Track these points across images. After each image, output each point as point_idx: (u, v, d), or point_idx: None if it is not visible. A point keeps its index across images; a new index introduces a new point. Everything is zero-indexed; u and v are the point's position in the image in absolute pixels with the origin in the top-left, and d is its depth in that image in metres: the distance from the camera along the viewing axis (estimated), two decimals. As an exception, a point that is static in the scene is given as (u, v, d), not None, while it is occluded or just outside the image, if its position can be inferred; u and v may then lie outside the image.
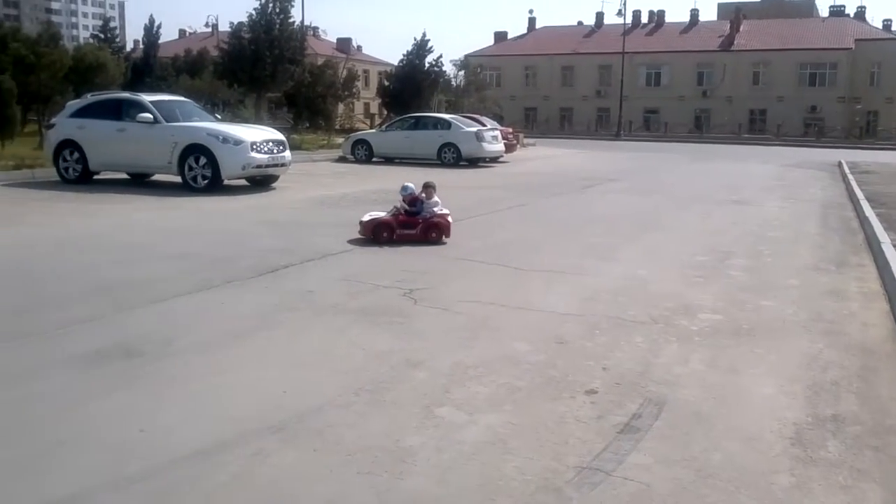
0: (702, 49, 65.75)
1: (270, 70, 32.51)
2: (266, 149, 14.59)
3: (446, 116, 26.31)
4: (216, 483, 3.23)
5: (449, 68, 50.44)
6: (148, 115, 14.41)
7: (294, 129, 30.87)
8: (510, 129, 31.65)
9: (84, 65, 32.12)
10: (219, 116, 18.03)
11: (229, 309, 6.08)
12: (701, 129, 60.21)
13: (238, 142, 14.05)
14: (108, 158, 15.00)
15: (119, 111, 15.01)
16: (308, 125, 34.51)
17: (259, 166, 14.55)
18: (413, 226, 9.09)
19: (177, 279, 6.95)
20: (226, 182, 14.29)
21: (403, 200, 9.28)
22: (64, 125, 15.41)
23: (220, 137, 14.01)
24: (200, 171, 14.03)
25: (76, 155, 15.00)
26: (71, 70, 30.57)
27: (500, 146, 25.05)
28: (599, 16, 73.95)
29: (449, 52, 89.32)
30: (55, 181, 15.09)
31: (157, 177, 15.71)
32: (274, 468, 3.38)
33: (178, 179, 14.41)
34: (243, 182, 15.08)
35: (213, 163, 13.91)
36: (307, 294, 6.55)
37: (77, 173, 15.05)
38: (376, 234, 8.94)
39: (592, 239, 9.93)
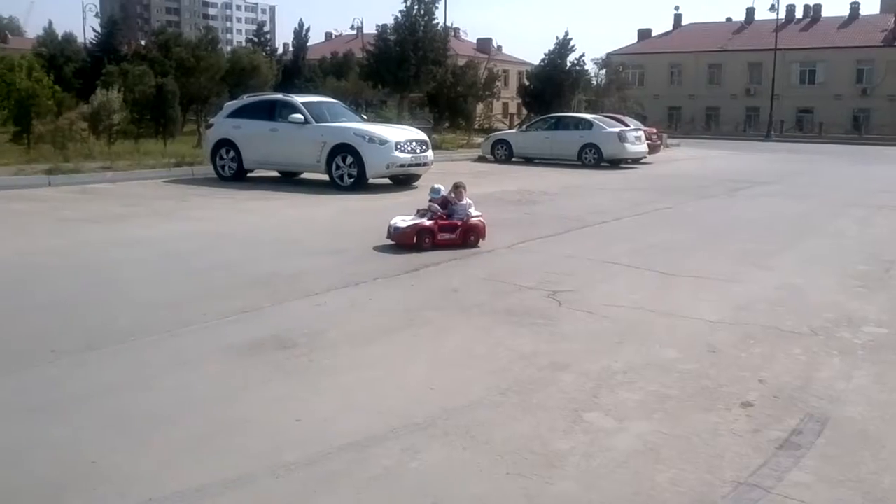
0: (862, 45, 61.76)
1: (414, 71, 33.25)
2: (409, 148, 14.86)
3: (588, 116, 25.86)
4: (370, 475, 3.31)
5: (590, 67, 49.96)
6: (299, 115, 14.96)
7: (434, 128, 31.32)
8: (653, 130, 30.83)
9: (239, 67, 34.02)
10: (364, 117, 18.50)
11: (377, 304, 6.23)
12: (859, 129, 56.57)
13: (383, 141, 14.37)
14: (261, 157, 15.69)
15: (272, 112, 15.66)
16: (448, 125, 34.99)
17: (402, 165, 14.82)
18: (452, 229, 8.81)
19: (327, 274, 7.19)
20: (370, 180, 14.65)
21: (433, 202, 9.01)
22: (221, 125, 16.23)
23: (367, 137, 14.38)
24: (347, 170, 14.44)
25: (232, 153, 15.74)
26: (227, 72, 32.40)
27: (643, 147, 24.35)
28: (750, 11, 70.86)
29: (591, 50, 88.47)
30: (212, 178, 15.90)
31: (305, 175, 16.30)
32: (425, 463, 3.43)
33: (326, 177, 14.88)
34: (386, 181, 15.41)
35: (358, 161, 14.29)
36: (452, 293, 6.62)
37: (232, 171, 15.79)
38: (419, 240, 8.57)
39: (744, 244, 9.54)
